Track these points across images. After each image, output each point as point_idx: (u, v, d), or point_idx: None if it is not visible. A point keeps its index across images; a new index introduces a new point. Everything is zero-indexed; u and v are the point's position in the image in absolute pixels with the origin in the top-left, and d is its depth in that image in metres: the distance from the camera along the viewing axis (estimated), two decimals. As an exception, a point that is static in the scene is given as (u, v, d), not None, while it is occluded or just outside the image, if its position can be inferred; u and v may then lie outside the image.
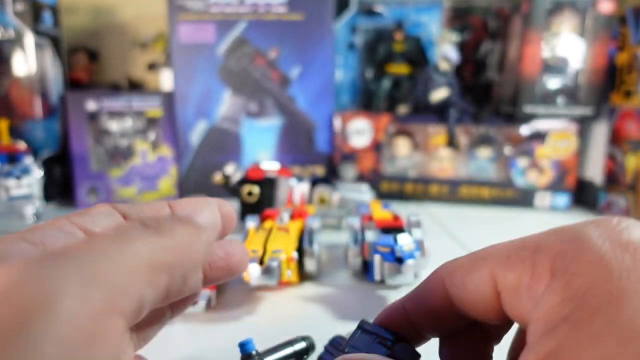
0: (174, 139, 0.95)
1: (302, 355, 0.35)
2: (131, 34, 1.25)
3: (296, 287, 0.54)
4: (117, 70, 1.29)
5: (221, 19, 0.91)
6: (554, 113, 0.88)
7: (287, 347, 0.34)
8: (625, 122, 0.82)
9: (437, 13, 1.04)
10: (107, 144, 0.94)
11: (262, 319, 0.46)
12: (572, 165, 0.90)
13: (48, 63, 0.88)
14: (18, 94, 0.86)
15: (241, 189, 0.74)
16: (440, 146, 0.94)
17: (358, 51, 1.07)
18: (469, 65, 1.07)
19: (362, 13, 1.05)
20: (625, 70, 0.82)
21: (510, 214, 0.89)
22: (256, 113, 0.95)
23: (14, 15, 0.83)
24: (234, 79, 0.93)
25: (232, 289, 0.53)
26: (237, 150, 0.96)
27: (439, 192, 0.95)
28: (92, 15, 1.25)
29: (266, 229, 0.54)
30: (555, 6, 0.85)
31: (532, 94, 0.87)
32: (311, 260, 0.53)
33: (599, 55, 0.84)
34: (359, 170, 0.96)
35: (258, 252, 0.48)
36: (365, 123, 0.94)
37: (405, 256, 0.45)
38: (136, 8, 1.26)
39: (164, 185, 0.96)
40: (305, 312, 0.48)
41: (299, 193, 0.73)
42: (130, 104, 0.91)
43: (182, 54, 0.91)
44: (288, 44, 0.92)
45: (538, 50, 0.85)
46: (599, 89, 0.86)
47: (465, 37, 1.05)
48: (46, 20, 0.88)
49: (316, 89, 0.95)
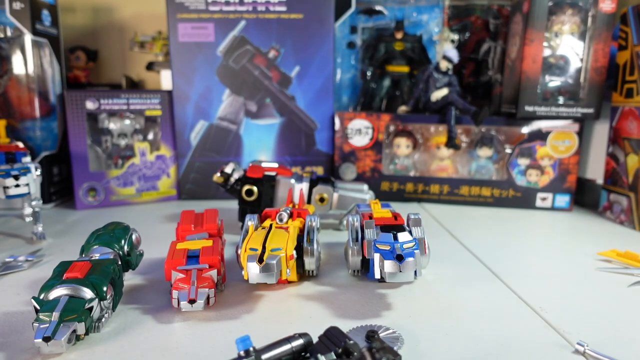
0: (173, 139, 0.95)
1: (300, 352, 0.34)
2: (130, 33, 1.25)
3: (295, 286, 0.53)
4: (116, 69, 1.29)
5: (220, 18, 0.90)
6: (555, 113, 0.87)
7: (284, 344, 0.34)
8: (627, 121, 0.82)
9: (438, 12, 1.04)
10: (106, 144, 0.93)
11: (261, 317, 0.45)
12: (572, 165, 0.90)
13: (46, 62, 0.87)
14: (16, 93, 0.85)
15: (240, 188, 0.74)
16: (441, 146, 0.94)
17: (358, 51, 1.07)
18: (469, 65, 1.07)
19: (362, 12, 1.05)
20: (626, 69, 0.82)
21: (510, 214, 0.89)
22: (255, 112, 0.95)
23: (12, 15, 0.82)
24: (233, 79, 0.93)
25: (231, 287, 0.52)
26: (236, 149, 0.96)
27: (439, 192, 0.95)
28: (90, 14, 1.25)
29: (265, 227, 0.54)
30: (556, 5, 0.85)
31: (532, 93, 0.87)
32: (310, 258, 0.53)
33: (600, 54, 0.84)
34: (359, 170, 0.96)
35: (257, 250, 0.48)
36: (365, 123, 0.94)
37: (405, 254, 0.45)
38: (135, 7, 1.25)
39: (163, 185, 0.95)
40: (304, 310, 0.47)
41: (299, 192, 0.73)
42: (129, 104, 0.90)
43: (181, 53, 0.91)
44: (288, 43, 0.92)
45: (539, 50, 0.85)
46: (600, 88, 0.85)
47: (465, 36, 1.05)
48: (45, 19, 0.87)
49: (316, 88, 0.94)
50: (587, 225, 0.82)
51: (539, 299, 0.50)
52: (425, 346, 0.40)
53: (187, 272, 0.46)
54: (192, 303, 0.43)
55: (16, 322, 0.44)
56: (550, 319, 0.45)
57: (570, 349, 0.40)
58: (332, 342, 0.34)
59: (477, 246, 0.67)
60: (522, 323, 0.45)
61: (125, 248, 0.50)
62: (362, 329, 0.42)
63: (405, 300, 0.50)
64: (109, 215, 0.85)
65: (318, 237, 0.56)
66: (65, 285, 0.40)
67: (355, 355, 0.32)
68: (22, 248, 0.66)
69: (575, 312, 0.47)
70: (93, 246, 0.49)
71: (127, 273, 0.52)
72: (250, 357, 0.31)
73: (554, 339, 0.42)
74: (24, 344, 0.40)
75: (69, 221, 0.81)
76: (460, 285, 0.54)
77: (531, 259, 0.63)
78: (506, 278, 0.56)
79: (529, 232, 0.78)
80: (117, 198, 0.91)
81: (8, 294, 0.50)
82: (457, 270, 0.58)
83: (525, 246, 0.69)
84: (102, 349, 0.39)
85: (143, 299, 0.49)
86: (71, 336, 0.38)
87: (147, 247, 0.61)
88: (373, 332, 0.30)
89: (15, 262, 0.59)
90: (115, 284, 0.45)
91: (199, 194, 0.97)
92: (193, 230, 0.55)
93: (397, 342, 0.40)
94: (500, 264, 0.61)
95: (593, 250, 0.66)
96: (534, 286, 0.54)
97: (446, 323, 0.44)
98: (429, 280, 0.55)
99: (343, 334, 0.34)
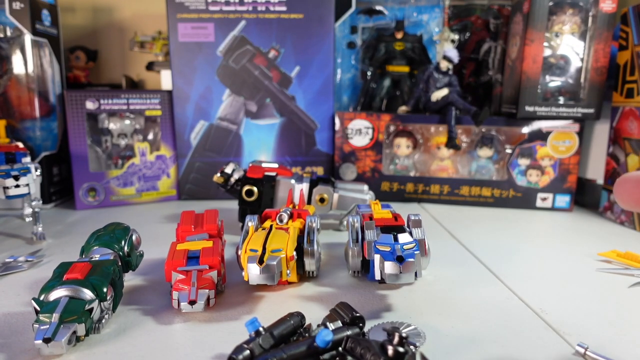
0: (173, 139, 0.95)
1: (299, 327, 0.38)
2: (130, 33, 1.25)
3: (295, 287, 0.53)
4: (116, 69, 1.29)
5: (220, 18, 0.90)
6: (555, 113, 0.87)
7: (286, 322, 0.37)
8: (627, 121, 0.82)
9: (438, 12, 1.04)
10: (106, 144, 0.93)
11: (261, 318, 0.45)
12: (573, 165, 0.90)
13: (46, 62, 0.87)
14: (16, 93, 0.85)
15: (241, 189, 0.74)
16: (441, 146, 0.94)
17: (358, 51, 1.07)
18: (469, 65, 1.07)
19: (362, 12, 1.05)
20: (627, 69, 0.82)
21: (510, 214, 0.88)
22: (256, 112, 0.95)
23: (12, 14, 0.82)
24: (233, 79, 0.93)
25: (232, 288, 0.52)
26: (236, 149, 0.96)
27: (439, 192, 0.95)
28: (90, 14, 1.25)
29: (266, 228, 0.54)
30: (557, 5, 0.85)
31: (533, 93, 0.87)
32: (311, 259, 0.53)
33: (600, 54, 0.84)
34: (359, 170, 0.96)
35: (257, 251, 0.48)
36: (365, 123, 0.94)
37: (406, 256, 0.45)
38: (135, 7, 1.25)
39: (163, 185, 0.95)
40: (304, 311, 0.47)
41: (299, 193, 0.73)
42: (129, 104, 0.90)
43: (181, 53, 0.91)
44: (288, 43, 0.92)
45: (539, 50, 0.85)
46: (600, 88, 0.85)
47: (465, 36, 1.05)
48: (45, 19, 0.87)
49: (316, 88, 0.94)
50: (588, 226, 0.82)
51: (539, 300, 0.50)
52: (425, 347, 0.40)
53: (187, 273, 0.46)
54: (192, 304, 0.43)
55: (16, 323, 0.44)
56: (550, 320, 0.45)
57: (571, 351, 0.40)
58: (340, 315, 0.38)
59: (478, 247, 0.67)
60: (522, 324, 0.45)
61: (125, 249, 0.50)
62: (380, 326, 0.43)
63: (406, 301, 0.50)
64: (109, 215, 0.85)
65: (318, 237, 0.56)
66: (65, 286, 0.40)
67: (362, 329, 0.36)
68: (22, 248, 0.66)
69: (575, 313, 0.47)
70: (93, 247, 0.49)
71: (127, 274, 0.52)
72: (264, 334, 0.34)
73: (554, 340, 0.42)
74: (24, 345, 0.40)
75: (68, 221, 0.81)
76: (461, 286, 0.54)
77: (531, 260, 0.63)
78: (506, 279, 0.56)
79: (529, 232, 0.78)
80: (117, 198, 0.91)
81: (8, 295, 0.50)
82: (458, 271, 0.58)
83: (525, 247, 0.69)
84: (102, 350, 0.39)
85: (143, 300, 0.49)
86: (71, 337, 0.38)
87: (147, 248, 0.61)
88: (395, 329, 0.31)
89: (15, 263, 0.59)
90: (116, 284, 0.45)
91: (199, 194, 0.97)
92: (193, 230, 0.55)
93: (419, 338, 0.41)
94: (500, 264, 0.61)
95: (593, 251, 0.66)
96: (534, 287, 0.54)
97: (446, 324, 0.44)
98: (430, 281, 0.55)
99: (351, 308, 0.38)
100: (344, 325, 0.37)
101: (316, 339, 0.33)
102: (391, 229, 0.51)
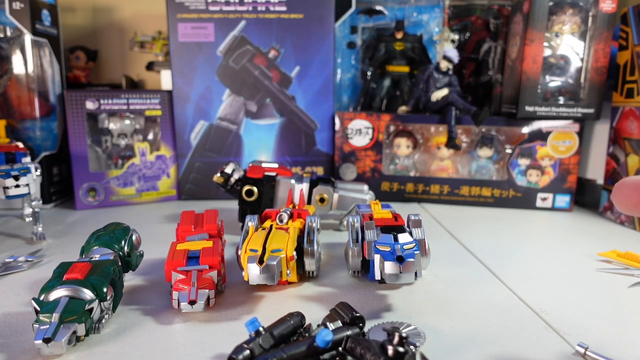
0: (173, 139, 0.95)
1: (299, 327, 0.38)
2: (130, 33, 1.25)
3: (295, 287, 0.53)
4: (116, 69, 1.29)
5: (220, 18, 0.90)
6: (555, 113, 0.87)
7: (286, 322, 0.37)
8: (627, 121, 0.82)
9: (438, 12, 1.04)
10: (106, 144, 0.93)
11: (261, 318, 0.45)
12: (573, 165, 0.90)
13: (46, 62, 0.87)
14: (16, 93, 0.85)
15: (241, 189, 0.74)
16: (441, 146, 0.94)
17: (358, 51, 1.07)
18: (469, 65, 1.07)
19: (362, 12, 1.05)
20: (627, 69, 0.82)
21: (510, 214, 0.88)
22: (255, 112, 0.95)
23: (12, 14, 0.82)
24: (233, 79, 0.93)
25: (231, 288, 0.52)
26: (236, 149, 0.96)
27: (439, 192, 0.95)
28: (90, 14, 1.25)
29: (266, 228, 0.54)
30: (557, 5, 0.85)
31: (533, 93, 0.87)
32: (311, 259, 0.53)
33: (600, 54, 0.84)
34: (359, 170, 0.96)
35: (257, 251, 0.48)
36: (365, 123, 0.94)
37: (406, 256, 0.45)
38: (135, 7, 1.25)
39: (163, 185, 0.95)
40: (304, 311, 0.47)
41: (299, 193, 0.73)
42: (129, 104, 0.90)
43: (181, 53, 0.91)
44: (288, 43, 0.92)
45: (539, 50, 0.85)
46: (600, 88, 0.85)
47: (465, 36, 1.05)
48: (44, 19, 0.87)
49: (316, 88, 0.94)
50: (588, 226, 0.82)
51: (539, 300, 0.50)
52: (425, 347, 0.40)
53: (187, 273, 0.46)
54: (192, 304, 0.43)
55: (16, 323, 0.44)
56: (550, 320, 0.45)
57: (571, 351, 0.40)
58: (341, 315, 0.38)
59: (477, 247, 0.67)
60: (522, 324, 0.45)
61: (125, 249, 0.50)
62: (380, 326, 0.43)
63: (406, 301, 0.50)
64: (109, 215, 0.85)
65: (318, 237, 0.56)
66: (65, 286, 0.40)
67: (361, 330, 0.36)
68: (22, 248, 0.66)
69: (575, 313, 0.47)
70: (93, 247, 0.49)
71: (127, 274, 0.52)
72: (264, 334, 0.34)
73: (554, 340, 0.42)
74: (24, 345, 0.40)
75: (68, 221, 0.81)
76: (461, 286, 0.54)
77: (531, 260, 0.63)
78: (506, 279, 0.56)
79: (529, 232, 0.78)
80: (117, 198, 0.91)
81: (8, 295, 0.50)
82: (458, 271, 0.58)
83: (525, 247, 0.69)
84: (102, 350, 0.39)
85: (143, 300, 0.49)
86: (71, 337, 0.38)
87: (147, 248, 0.61)
88: (395, 329, 0.31)
89: (15, 263, 0.59)
90: (116, 284, 0.45)
91: (199, 194, 0.97)
92: (193, 230, 0.55)
93: (419, 338, 0.41)
94: (500, 264, 0.61)
95: (593, 251, 0.66)
96: (534, 287, 0.54)
97: (446, 324, 0.44)
98: (429, 281, 0.55)
99: (351, 308, 0.39)
100: (344, 325, 0.37)
101: (316, 339, 0.33)
102: (391, 229, 0.51)
